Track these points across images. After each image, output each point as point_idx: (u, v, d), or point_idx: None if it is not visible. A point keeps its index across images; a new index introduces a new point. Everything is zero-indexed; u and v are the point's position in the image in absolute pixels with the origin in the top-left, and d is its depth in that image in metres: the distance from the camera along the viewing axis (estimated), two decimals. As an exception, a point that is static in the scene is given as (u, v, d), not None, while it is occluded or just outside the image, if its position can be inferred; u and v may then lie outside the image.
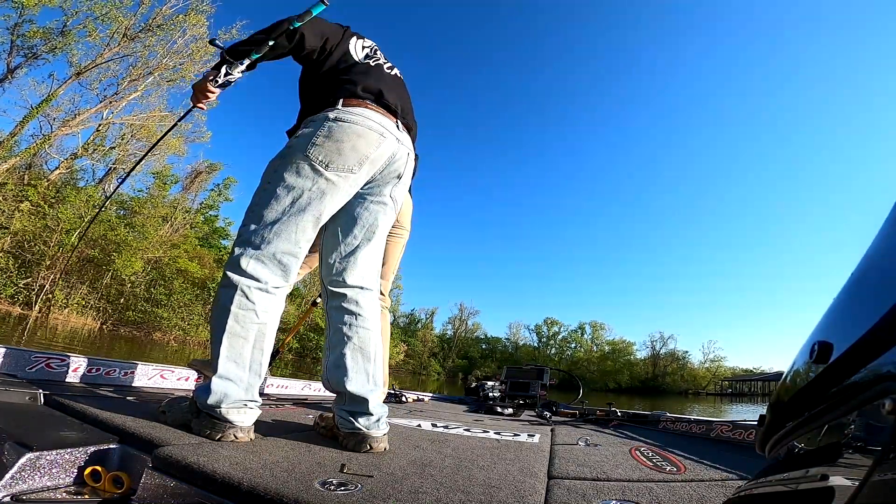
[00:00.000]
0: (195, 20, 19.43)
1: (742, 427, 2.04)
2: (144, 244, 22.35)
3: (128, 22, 18.08)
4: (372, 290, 1.32)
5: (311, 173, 1.17)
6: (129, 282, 21.74)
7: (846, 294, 0.41)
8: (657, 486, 1.05)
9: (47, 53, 17.22)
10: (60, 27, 17.16)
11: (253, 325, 1.10)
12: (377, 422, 1.16)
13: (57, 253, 18.45)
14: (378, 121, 1.27)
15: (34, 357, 1.59)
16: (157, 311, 22.44)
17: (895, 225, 0.36)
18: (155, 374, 2.01)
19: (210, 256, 27.70)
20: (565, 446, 1.56)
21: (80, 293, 20.09)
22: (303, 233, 1.17)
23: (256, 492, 0.71)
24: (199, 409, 1.07)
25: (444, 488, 0.85)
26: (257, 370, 1.12)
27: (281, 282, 1.15)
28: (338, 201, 1.23)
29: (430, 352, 53.74)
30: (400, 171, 1.35)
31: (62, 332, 12.59)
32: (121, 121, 19.99)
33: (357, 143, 1.22)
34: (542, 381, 3.38)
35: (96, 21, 17.45)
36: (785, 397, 0.48)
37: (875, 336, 0.31)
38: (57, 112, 17.98)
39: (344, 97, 1.26)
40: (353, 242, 1.30)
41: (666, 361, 51.06)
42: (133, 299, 22.26)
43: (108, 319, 20.89)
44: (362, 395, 1.18)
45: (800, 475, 0.42)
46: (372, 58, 1.42)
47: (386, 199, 1.34)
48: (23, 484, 0.77)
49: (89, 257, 20.52)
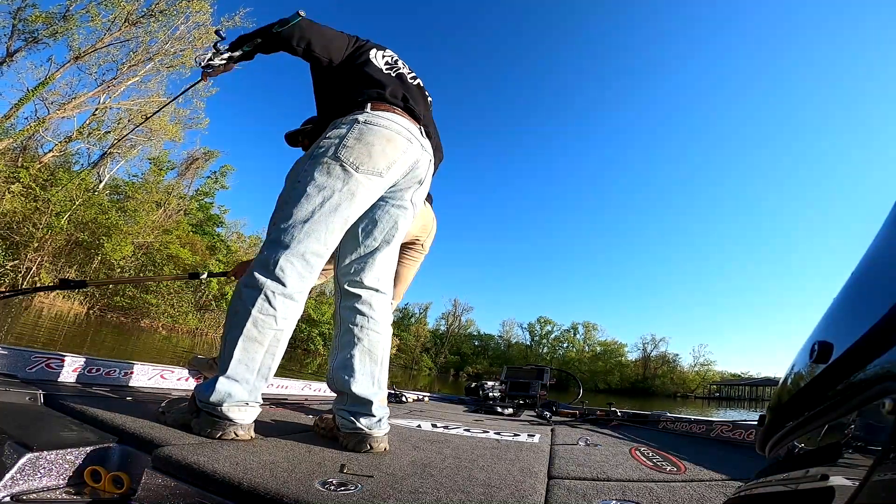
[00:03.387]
0: (198, 6, 19.30)
1: (742, 427, 2.04)
2: (135, 229, 22.16)
3: (130, 7, 17.95)
4: (386, 294, 1.33)
5: (341, 174, 1.18)
6: (119, 267, 21.48)
7: (846, 294, 0.40)
8: (657, 486, 1.05)
9: (48, 38, 17.14)
10: (63, 11, 17.09)
11: (270, 330, 1.09)
12: (378, 422, 1.17)
13: (45, 235, 18.32)
14: (405, 126, 1.29)
15: (34, 357, 1.59)
16: (146, 297, 22.12)
17: (895, 225, 0.36)
18: (155, 374, 2.01)
19: (203, 243, 27.44)
20: (565, 446, 1.56)
21: (68, 277, 19.78)
22: (332, 234, 1.17)
23: (256, 492, 0.71)
24: (199, 407, 1.06)
25: (444, 488, 0.85)
26: (265, 374, 1.11)
27: (304, 286, 1.15)
28: (365, 203, 1.24)
29: (422, 347, 53.70)
30: (421, 178, 1.37)
31: (47, 316, 12.33)
32: (118, 105, 19.83)
33: (386, 146, 1.23)
34: (542, 381, 3.38)
35: (99, 6, 17.37)
36: (785, 397, 0.48)
37: (875, 336, 0.31)
38: (54, 95, 17.92)
39: (372, 101, 1.27)
40: (372, 244, 1.31)
41: (656, 364, 51.29)
42: (122, 284, 21.95)
43: (95, 304, 20.55)
44: (366, 397, 1.18)
45: (800, 475, 0.42)
46: (394, 67, 1.44)
47: (406, 204, 1.35)
48: (23, 484, 0.77)
49: (78, 240, 20.31)
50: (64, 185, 18.63)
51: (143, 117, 19.07)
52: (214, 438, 1.01)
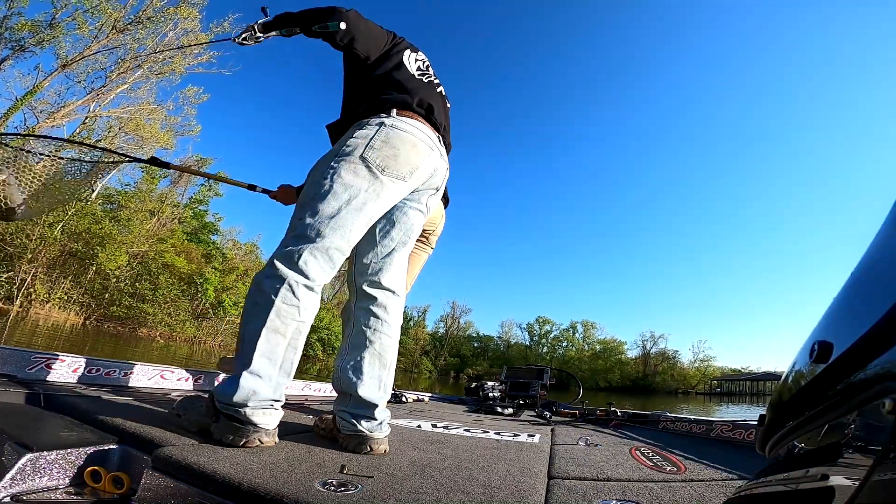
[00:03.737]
0: (187, 13, 19.06)
1: (742, 427, 2.04)
2: (129, 238, 22.07)
3: (117, 14, 17.72)
4: (401, 296, 1.35)
5: (367, 175, 1.19)
6: (114, 276, 21.45)
7: (846, 294, 0.40)
8: (657, 486, 1.05)
9: (35, 46, 16.93)
10: (49, 19, 16.86)
11: (293, 321, 1.08)
12: (379, 425, 1.17)
13: (39, 246, 18.22)
14: (428, 134, 1.32)
15: (34, 357, 1.60)
16: (143, 306, 22.13)
17: (895, 225, 0.36)
18: (155, 374, 2.01)
19: (198, 251, 27.37)
20: (565, 446, 1.56)
21: (63, 287, 19.81)
22: (355, 232, 1.18)
23: (256, 492, 0.71)
24: (219, 409, 1.02)
25: (444, 489, 0.85)
26: (288, 370, 1.09)
27: (324, 279, 1.15)
28: (388, 205, 1.26)
29: (421, 350, 53.64)
30: (438, 185, 1.41)
31: (44, 327, 12.32)
32: (108, 113, 19.52)
33: (410, 152, 1.26)
34: (542, 381, 3.38)
35: (86, 13, 17.16)
36: (785, 397, 0.48)
37: (875, 336, 0.31)
38: (42, 104, 17.64)
39: (398, 108, 1.30)
40: (389, 245, 1.33)
41: (656, 361, 51.13)
42: (118, 294, 21.97)
43: (91, 315, 20.60)
44: (371, 401, 1.18)
45: (800, 475, 0.42)
46: (425, 74, 1.46)
47: (423, 207, 1.39)
48: (23, 484, 0.77)
49: (72, 251, 20.22)
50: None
51: (145, 129, 18.90)
52: (238, 447, 0.97)
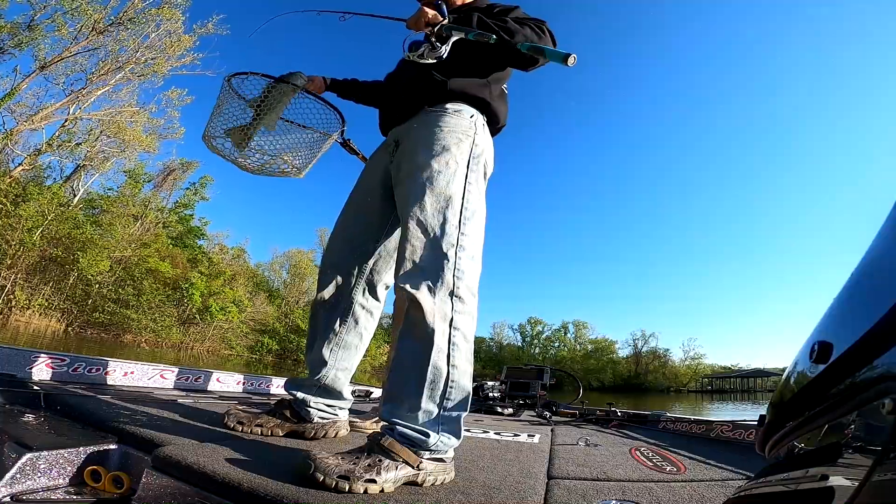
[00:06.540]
0: (169, 14, 18.70)
1: (742, 427, 2.04)
2: (111, 243, 21.71)
3: (98, 15, 17.35)
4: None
5: (483, 183, 1.20)
6: (96, 282, 21.10)
7: (846, 294, 0.40)
8: (657, 486, 1.05)
9: (14, 48, 16.58)
10: (28, 21, 16.55)
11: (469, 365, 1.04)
12: (344, 411, 1.31)
13: (18, 252, 17.88)
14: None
15: (34, 357, 1.60)
16: (126, 312, 21.76)
17: (895, 225, 0.36)
18: (155, 374, 2.01)
19: (183, 256, 26.90)
20: (565, 446, 1.56)
21: (44, 294, 19.44)
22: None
23: (256, 492, 0.71)
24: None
25: (444, 489, 0.85)
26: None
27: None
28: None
29: None
30: None
31: (24, 335, 12.11)
32: (89, 116, 19.10)
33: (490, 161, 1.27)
34: (542, 381, 3.38)
35: (65, 15, 16.82)
36: (785, 397, 0.48)
37: (875, 336, 0.31)
38: (21, 107, 17.32)
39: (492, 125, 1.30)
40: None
41: (648, 359, 51.06)
42: (100, 300, 21.54)
43: (73, 321, 20.23)
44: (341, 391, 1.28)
45: (800, 475, 0.42)
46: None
47: None
48: (23, 484, 0.77)
49: (53, 256, 19.85)
50: (34, 199, 18.06)
51: (127, 133, 18.40)
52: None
